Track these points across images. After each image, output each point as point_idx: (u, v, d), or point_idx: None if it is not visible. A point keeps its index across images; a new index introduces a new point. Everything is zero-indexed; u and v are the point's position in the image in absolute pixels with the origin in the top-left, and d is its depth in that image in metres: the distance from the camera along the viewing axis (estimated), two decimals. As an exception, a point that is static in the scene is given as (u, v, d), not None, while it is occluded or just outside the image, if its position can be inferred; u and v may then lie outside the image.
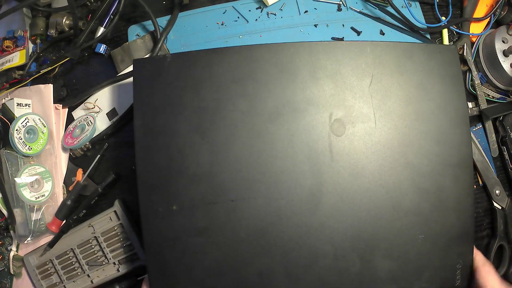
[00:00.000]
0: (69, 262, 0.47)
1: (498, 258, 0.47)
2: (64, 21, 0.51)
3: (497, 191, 0.47)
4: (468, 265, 0.37)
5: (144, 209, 0.36)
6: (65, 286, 0.47)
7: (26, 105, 0.50)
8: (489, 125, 0.48)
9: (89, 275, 0.47)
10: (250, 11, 0.48)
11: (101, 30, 0.50)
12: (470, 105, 0.48)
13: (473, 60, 0.48)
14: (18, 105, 0.49)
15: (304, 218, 0.35)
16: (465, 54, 0.48)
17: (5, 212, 0.48)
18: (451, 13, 0.48)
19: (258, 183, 0.36)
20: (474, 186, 0.47)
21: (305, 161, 0.36)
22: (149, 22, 0.50)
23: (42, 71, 0.51)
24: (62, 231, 0.46)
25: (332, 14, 0.48)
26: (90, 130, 0.47)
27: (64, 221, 0.48)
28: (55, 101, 0.51)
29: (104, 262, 0.46)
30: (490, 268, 0.37)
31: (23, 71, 0.52)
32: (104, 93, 0.49)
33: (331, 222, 0.35)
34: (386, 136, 0.36)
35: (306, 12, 0.48)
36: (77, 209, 0.47)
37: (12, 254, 0.49)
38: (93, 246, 0.46)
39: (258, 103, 0.37)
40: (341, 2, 0.48)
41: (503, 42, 0.47)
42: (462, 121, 0.38)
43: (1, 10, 0.51)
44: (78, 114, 0.50)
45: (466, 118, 0.38)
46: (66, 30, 0.52)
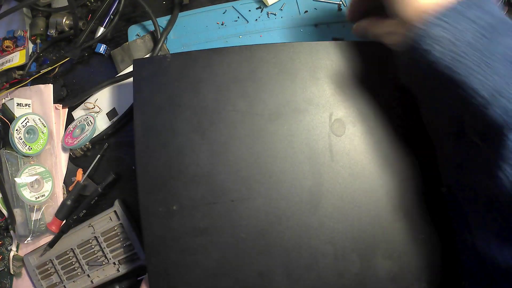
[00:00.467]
0: (69, 262, 0.47)
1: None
2: (64, 21, 0.51)
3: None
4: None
5: (144, 209, 0.36)
6: (65, 286, 0.47)
7: (26, 105, 0.50)
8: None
9: (89, 275, 0.47)
10: (250, 11, 0.48)
11: (101, 30, 0.50)
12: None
13: (473, 60, 0.48)
14: (18, 105, 0.49)
15: (304, 218, 0.35)
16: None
17: (5, 212, 0.48)
18: (451, 13, 0.48)
19: (258, 183, 0.36)
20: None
21: (305, 161, 0.36)
22: (149, 22, 0.50)
23: (42, 71, 0.51)
24: (62, 231, 0.46)
25: (332, 14, 0.48)
26: (90, 130, 0.47)
27: (64, 221, 0.48)
28: (55, 101, 0.51)
29: (104, 262, 0.46)
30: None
31: (23, 71, 0.52)
32: (104, 93, 0.49)
33: (331, 222, 0.35)
34: (386, 136, 0.36)
35: (306, 12, 0.47)
36: (77, 209, 0.47)
37: (12, 254, 0.49)
38: (93, 246, 0.46)
39: (258, 103, 0.37)
40: (341, 2, 0.48)
41: (503, 42, 0.47)
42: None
43: (1, 10, 0.52)
44: (78, 114, 0.50)
45: (466, 118, 0.38)
46: (66, 30, 0.52)
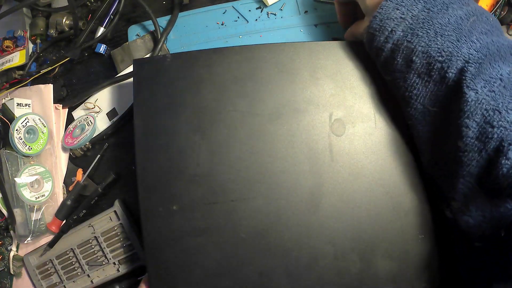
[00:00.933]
0: (69, 262, 0.47)
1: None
2: (64, 21, 0.51)
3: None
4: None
5: (144, 209, 0.36)
6: (65, 286, 0.47)
7: (26, 105, 0.50)
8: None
9: (89, 275, 0.47)
10: (250, 11, 0.48)
11: (101, 30, 0.50)
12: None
13: (473, 60, 0.48)
14: (18, 105, 0.49)
15: (304, 218, 0.35)
16: (465, 54, 0.48)
17: (5, 212, 0.48)
18: (451, 13, 0.48)
19: (258, 183, 0.36)
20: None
21: (305, 161, 0.36)
22: (149, 22, 0.50)
23: (42, 71, 0.51)
24: (62, 231, 0.46)
25: (332, 14, 0.48)
26: (90, 130, 0.47)
27: (64, 221, 0.48)
28: (55, 101, 0.51)
29: (104, 262, 0.46)
30: None
31: (23, 71, 0.52)
32: (104, 93, 0.49)
33: (331, 222, 0.35)
34: (386, 136, 0.36)
35: (306, 12, 0.47)
36: (77, 209, 0.47)
37: (12, 254, 0.49)
38: (93, 246, 0.46)
39: (258, 103, 0.37)
40: (341, 2, 0.48)
41: (503, 42, 0.47)
42: (462, 121, 0.38)
43: (1, 10, 0.51)
44: (78, 114, 0.50)
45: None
46: (66, 30, 0.52)
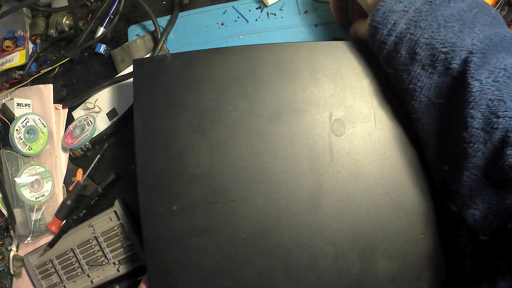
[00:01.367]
0: (69, 262, 0.47)
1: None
2: (64, 21, 0.51)
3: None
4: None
5: (144, 209, 0.36)
6: (65, 286, 0.47)
7: (26, 105, 0.50)
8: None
9: (89, 275, 0.47)
10: (250, 11, 0.48)
11: (101, 30, 0.50)
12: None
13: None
14: (18, 105, 0.49)
15: (304, 218, 0.35)
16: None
17: (5, 212, 0.48)
18: (451, 13, 0.48)
19: (258, 183, 0.36)
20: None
21: (305, 161, 0.36)
22: (149, 22, 0.50)
23: (42, 71, 0.51)
24: (62, 231, 0.46)
25: (332, 14, 0.48)
26: (90, 130, 0.47)
27: (64, 221, 0.48)
28: (55, 101, 0.51)
29: (104, 262, 0.46)
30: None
31: (23, 71, 0.52)
32: (104, 93, 0.49)
33: (331, 222, 0.35)
34: (386, 136, 0.36)
35: (306, 12, 0.47)
36: (77, 209, 0.47)
37: (12, 254, 0.49)
38: (93, 246, 0.46)
39: (258, 103, 0.37)
40: (341, 2, 0.48)
41: (503, 42, 0.47)
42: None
43: (1, 10, 0.51)
44: (78, 114, 0.50)
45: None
46: (66, 30, 0.52)
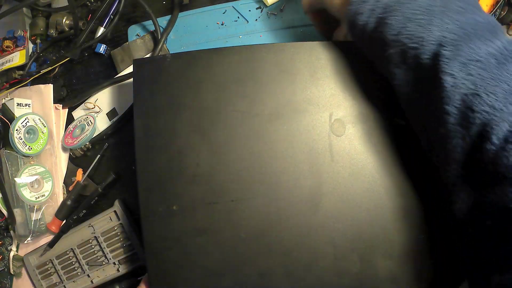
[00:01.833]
0: (69, 262, 0.47)
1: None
2: (64, 21, 0.51)
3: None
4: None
5: (144, 209, 0.36)
6: (65, 286, 0.47)
7: (26, 105, 0.50)
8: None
9: (89, 275, 0.47)
10: (250, 11, 0.48)
11: (101, 30, 0.50)
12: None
13: (473, 60, 0.48)
14: (18, 105, 0.49)
15: (304, 218, 0.35)
16: (465, 54, 0.48)
17: (5, 212, 0.48)
18: (451, 13, 0.48)
19: (258, 183, 0.36)
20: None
21: (305, 161, 0.36)
22: (149, 22, 0.50)
23: (42, 71, 0.51)
24: (62, 231, 0.46)
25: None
26: (90, 130, 0.47)
27: (64, 221, 0.48)
28: (55, 101, 0.51)
29: (104, 262, 0.46)
30: None
31: (23, 71, 0.52)
32: (104, 93, 0.49)
33: (331, 222, 0.35)
34: (386, 136, 0.36)
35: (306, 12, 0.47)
36: (77, 209, 0.47)
37: (12, 254, 0.49)
38: (93, 246, 0.46)
39: (258, 103, 0.37)
40: (341, 2, 0.48)
41: (503, 42, 0.47)
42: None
43: (1, 10, 0.51)
44: (78, 114, 0.50)
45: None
46: (66, 30, 0.52)
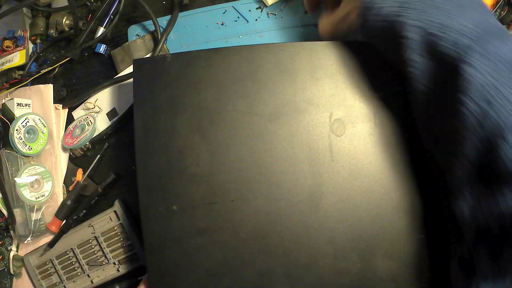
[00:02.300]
0: (69, 262, 0.47)
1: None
2: (64, 21, 0.51)
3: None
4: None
5: (144, 209, 0.36)
6: (65, 286, 0.47)
7: (26, 105, 0.50)
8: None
9: (89, 275, 0.47)
10: (250, 11, 0.48)
11: (101, 30, 0.50)
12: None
13: (473, 60, 0.48)
14: (18, 105, 0.49)
15: (304, 218, 0.35)
16: (465, 54, 0.48)
17: (5, 212, 0.48)
18: (451, 13, 0.48)
19: (258, 183, 0.36)
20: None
21: (305, 161, 0.36)
22: (149, 22, 0.50)
23: (42, 71, 0.51)
24: (62, 231, 0.46)
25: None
26: (90, 130, 0.47)
27: (64, 221, 0.48)
28: (55, 101, 0.51)
29: (104, 262, 0.46)
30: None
31: (23, 71, 0.52)
32: (104, 93, 0.49)
33: (331, 222, 0.35)
34: (386, 136, 0.36)
35: (306, 12, 0.47)
36: (77, 209, 0.47)
37: (12, 254, 0.49)
38: (93, 246, 0.46)
39: (258, 103, 0.37)
40: (341, 2, 0.48)
41: (503, 42, 0.47)
42: (462, 121, 0.38)
43: (1, 10, 0.51)
44: (78, 114, 0.50)
45: (466, 118, 0.38)
46: (66, 30, 0.52)
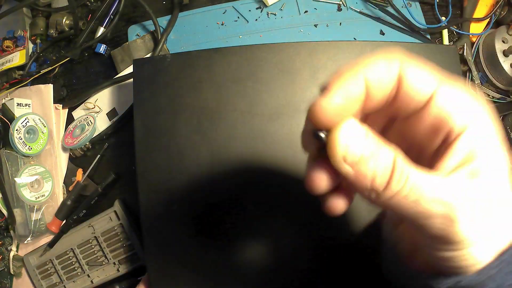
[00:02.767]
0: (69, 262, 0.47)
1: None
2: (64, 21, 0.51)
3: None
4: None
5: (144, 209, 0.36)
6: (65, 286, 0.47)
7: (26, 105, 0.50)
8: (489, 125, 0.48)
9: (89, 275, 0.47)
10: (250, 11, 0.48)
11: (101, 30, 0.50)
12: (470, 105, 0.48)
13: (473, 60, 0.48)
14: (18, 105, 0.49)
15: (304, 217, 0.35)
16: (465, 54, 0.48)
17: (5, 212, 0.48)
18: (451, 13, 0.48)
19: (258, 183, 0.36)
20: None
21: (305, 161, 0.36)
22: (149, 22, 0.50)
23: (42, 71, 0.51)
24: (62, 231, 0.46)
25: (332, 14, 0.48)
26: (90, 130, 0.47)
27: (64, 221, 0.48)
28: (55, 101, 0.51)
29: (104, 262, 0.46)
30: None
31: (23, 71, 0.52)
32: (104, 93, 0.49)
33: (332, 222, 0.35)
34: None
35: (306, 12, 0.48)
36: (77, 209, 0.47)
37: (12, 254, 0.49)
38: (93, 246, 0.46)
39: (258, 103, 0.37)
40: (341, 2, 0.48)
41: (503, 42, 0.47)
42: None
43: (1, 10, 0.51)
44: (78, 114, 0.50)
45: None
46: (66, 30, 0.52)
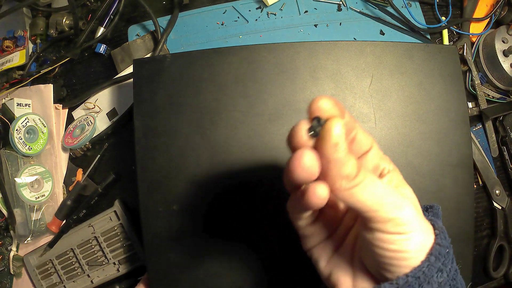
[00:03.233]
0: (69, 262, 0.47)
1: (498, 258, 0.47)
2: (64, 21, 0.51)
3: (497, 191, 0.47)
4: (468, 265, 0.37)
5: (144, 209, 0.36)
6: (65, 286, 0.47)
7: (26, 105, 0.50)
8: (489, 125, 0.48)
9: (89, 275, 0.47)
10: (250, 11, 0.48)
11: (101, 30, 0.50)
12: (470, 105, 0.48)
13: (473, 60, 0.48)
14: (18, 105, 0.49)
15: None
16: (465, 54, 0.48)
17: (5, 212, 0.48)
18: (451, 13, 0.48)
19: (258, 184, 0.36)
20: (474, 186, 0.47)
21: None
22: (149, 22, 0.50)
23: (42, 71, 0.51)
24: (62, 231, 0.46)
25: (332, 14, 0.48)
26: (90, 130, 0.47)
27: (64, 221, 0.48)
28: (55, 101, 0.51)
29: (104, 262, 0.46)
30: None
31: (23, 71, 0.52)
32: (104, 93, 0.49)
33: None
34: (386, 136, 0.36)
35: (306, 12, 0.48)
36: (77, 209, 0.47)
37: (12, 254, 0.49)
38: (93, 246, 0.46)
39: (258, 103, 0.37)
40: (341, 2, 0.48)
41: (503, 42, 0.47)
42: (462, 121, 0.38)
43: (1, 10, 0.51)
44: (78, 114, 0.50)
45: (466, 118, 0.38)
46: (66, 30, 0.52)
